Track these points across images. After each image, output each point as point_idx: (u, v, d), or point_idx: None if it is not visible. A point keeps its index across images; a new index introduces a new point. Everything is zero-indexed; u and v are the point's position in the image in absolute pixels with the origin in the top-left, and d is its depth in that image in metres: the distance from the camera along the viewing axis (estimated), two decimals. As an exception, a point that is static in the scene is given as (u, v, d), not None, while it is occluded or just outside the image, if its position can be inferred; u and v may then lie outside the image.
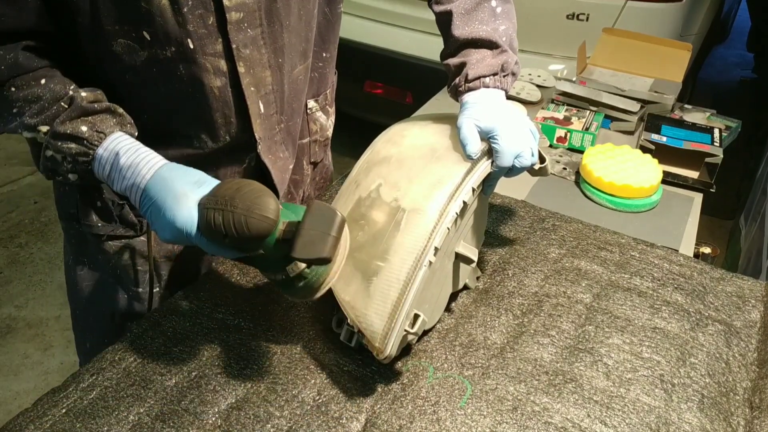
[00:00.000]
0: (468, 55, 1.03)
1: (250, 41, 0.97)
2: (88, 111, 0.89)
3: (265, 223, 0.79)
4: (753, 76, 5.26)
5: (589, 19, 2.67)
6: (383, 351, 0.86)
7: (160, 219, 0.82)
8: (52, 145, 0.88)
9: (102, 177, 0.89)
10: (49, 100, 0.88)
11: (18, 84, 0.88)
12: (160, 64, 0.94)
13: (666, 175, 1.55)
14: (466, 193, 0.93)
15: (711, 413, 0.91)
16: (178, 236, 0.82)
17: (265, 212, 0.79)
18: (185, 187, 0.83)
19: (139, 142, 0.88)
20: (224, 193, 0.80)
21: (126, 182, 0.86)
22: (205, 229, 0.81)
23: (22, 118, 0.88)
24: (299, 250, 0.79)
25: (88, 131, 0.87)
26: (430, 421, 0.88)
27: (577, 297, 1.10)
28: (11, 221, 3.32)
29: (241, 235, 0.78)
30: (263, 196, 0.80)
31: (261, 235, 0.79)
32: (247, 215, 0.78)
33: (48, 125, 0.88)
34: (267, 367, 0.95)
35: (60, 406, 0.89)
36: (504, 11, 1.06)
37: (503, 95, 1.02)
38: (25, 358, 2.54)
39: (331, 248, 0.79)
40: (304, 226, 0.79)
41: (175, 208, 0.81)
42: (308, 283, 0.86)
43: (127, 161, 0.86)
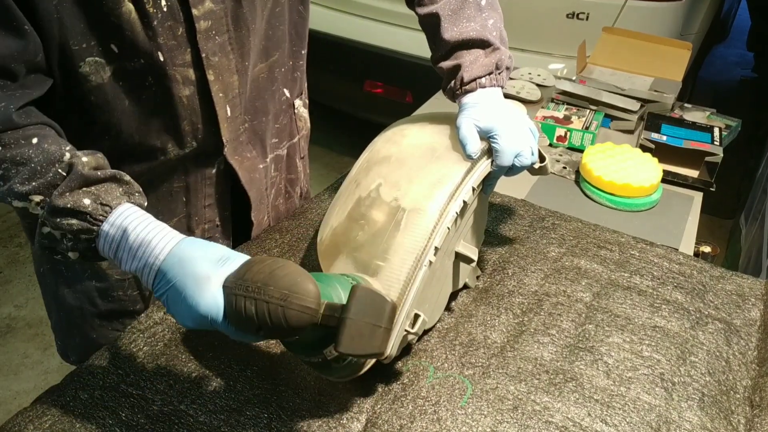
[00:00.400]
0: (461, 57, 1.02)
1: (219, 48, 0.96)
2: (91, 180, 0.78)
3: (306, 314, 0.70)
4: (753, 76, 5.26)
5: (589, 18, 2.67)
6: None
7: (180, 305, 0.73)
8: (49, 221, 0.77)
9: (108, 255, 0.78)
10: (42, 164, 0.77)
11: (5, 142, 0.78)
12: (128, 77, 0.91)
13: (666, 174, 1.55)
14: (467, 193, 0.93)
15: (711, 412, 0.91)
16: (201, 324, 0.73)
17: (306, 302, 0.70)
18: (207, 267, 0.73)
19: (149, 215, 0.79)
20: (255, 277, 0.71)
21: (137, 263, 0.75)
22: (234, 318, 0.71)
23: (11, 183, 0.77)
24: (346, 344, 0.70)
25: (91, 204, 0.76)
26: (430, 421, 0.87)
27: (577, 296, 1.10)
28: (11, 221, 3.32)
29: (277, 327, 0.70)
30: (301, 282, 0.71)
31: (301, 326, 0.70)
32: (285, 306, 0.69)
33: (42, 195, 0.77)
34: (267, 368, 0.95)
35: (59, 405, 0.89)
36: (488, 2, 1.05)
37: (500, 92, 1.02)
38: (24, 357, 2.54)
39: (383, 343, 0.72)
40: (350, 315, 0.70)
41: (197, 294, 0.72)
42: (349, 364, 0.81)
43: (138, 238, 0.75)
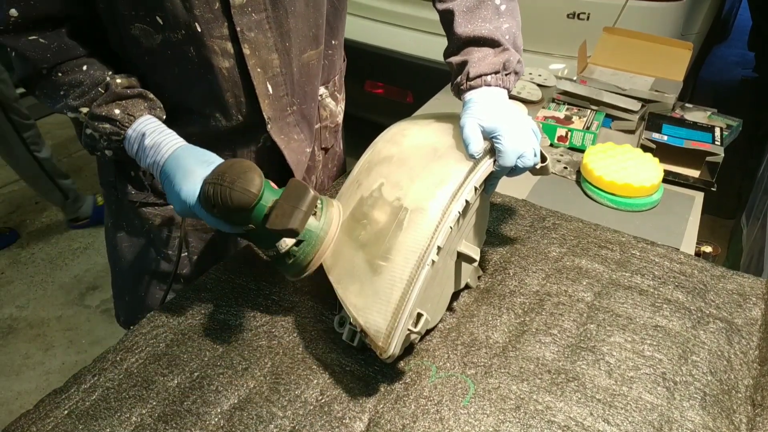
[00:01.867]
0: (470, 53, 1.04)
1: (255, 25, 1.02)
2: (122, 96, 0.99)
3: (246, 196, 0.86)
4: (754, 75, 5.26)
5: (590, 18, 2.67)
6: (386, 350, 0.87)
7: (171, 192, 0.93)
8: (90, 125, 1.00)
9: (131, 154, 1.00)
10: (89, 85, 0.99)
11: (63, 70, 0.99)
12: (173, 47, 1.01)
13: (667, 174, 1.55)
14: (469, 193, 0.93)
15: (713, 411, 0.91)
16: (183, 208, 0.92)
17: (248, 186, 0.86)
18: (194, 165, 0.92)
19: (164, 125, 0.99)
20: (219, 169, 0.88)
21: (149, 160, 0.97)
22: (202, 201, 0.89)
23: (67, 100, 1.00)
24: (272, 221, 0.86)
25: (120, 114, 0.98)
26: (433, 421, 0.88)
27: (579, 295, 1.11)
28: (12, 222, 3.32)
29: (225, 206, 0.86)
30: (249, 171, 0.87)
31: (242, 206, 0.87)
32: (231, 188, 0.86)
33: (88, 107, 0.99)
34: (269, 368, 0.95)
35: (62, 407, 0.89)
36: (508, 9, 1.06)
37: (505, 94, 1.02)
38: (26, 358, 2.54)
39: (299, 222, 0.86)
40: (280, 200, 0.87)
41: (182, 183, 0.91)
42: (296, 261, 0.94)
43: (151, 141, 0.97)
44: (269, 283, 1.10)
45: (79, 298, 2.84)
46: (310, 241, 0.94)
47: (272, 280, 1.11)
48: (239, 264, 1.16)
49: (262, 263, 1.16)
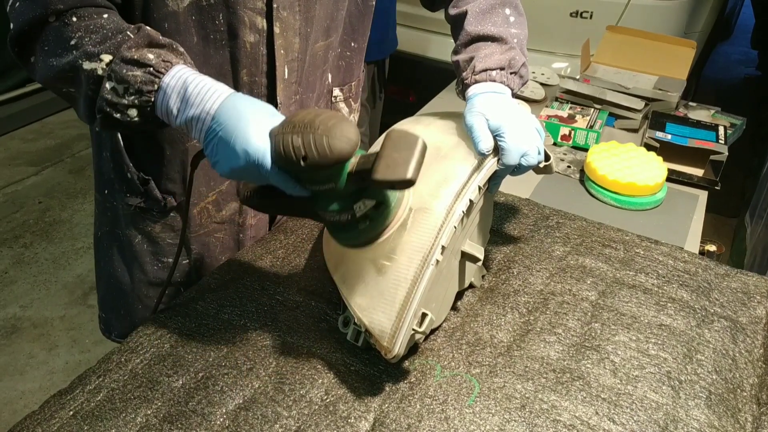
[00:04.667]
0: (477, 49, 1.05)
1: (288, 5, 1.02)
2: (154, 42, 0.86)
3: (348, 145, 0.76)
4: (757, 74, 5.25)
5: (593, 16, 2.67)
6: (391, 350, 0.87)
7: (229, 147, 0.78)
8: (115, 74, 0.83)
9: (164, 110, 0.84)
10: (113, 30, 0.85)
11: (80, 14, 0.86)
12: (201, 12, 0.97)
13: (670, 172, 1.55)
14: (473, 192, 0.93)
15: (719, 410, 0.91)
16: (247, 164, 0.78)
17: (348, 134, 0.76)
18: (258, 115, 0.79)
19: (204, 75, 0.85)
20: (302, 118, 0.77)
21: (193, 110, 0.81)
22: (281, 155, 0.77)
23: (83, 48, 0.85)
24: (382, 171, 0.76)
25: (155, 59, 0.84)
26: (438, 420, 0.88)
27: (583, 294, 1.10)
28: (16, 221, 3.33)
29: (322, 156, 0.75)
30: (344, 120, 0.77)
31: (342, 157, 0.76)
32: (330, 136, 0.75)
33: (112, 54, 0.84)
34: (274, 367, 0.95)
35: (67, 408, 0.89)
36: (517, 21, 1.10)
37: (509, 93, 1.02)
38: (30, 357, 2.55)
39: (414, 170, 0.77)
40: (386, 150, 0.77)
41: (248, 134, 0.77)
42: (372, 226, 0.86)
43: (196, 88, 0.82)
44: (273, 283, 1.11)
45: (83, 298, 2.84)
46: (389, 203, 0.87)
47: (276, 280, 1.11)
48: (243, 264, 1.16)
49: (267, 263, 1.16)
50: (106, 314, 1.36)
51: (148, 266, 1.22)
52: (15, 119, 4.18)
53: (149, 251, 1.21)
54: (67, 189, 3.60)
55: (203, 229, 1.20)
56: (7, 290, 2.88)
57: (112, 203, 1.20)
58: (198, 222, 1.18)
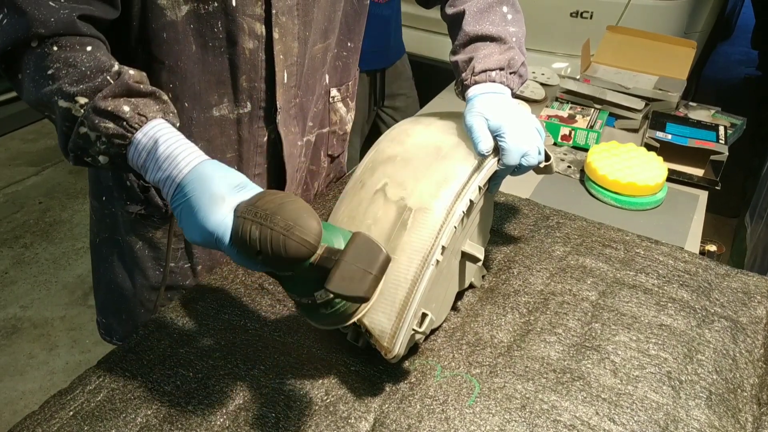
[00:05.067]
0: (476, 50, 1.05)
1: (287, 10, 1.01)
2: (133, 91, 0.83)
3: (304, 248, 0.72)
4: (757, 74, 5.25)
5: (593, 16, 2.67)
6: (391, 350, 0.86)
7: (191, 219, 0.76)
8: (88, 120, 0.81)
9: (135, 164, 0.83)
10: (92, 69, 0.82)
11: (61, 44, 0.82)
12: (199, 20, 0.96)
13: (671, 172, 1.55)
14: (473, 192, 0.93)
15: (719, 410, 0.91)
16: (207, 240, 0.76)
17: (307, 236, 0.72)
18: (224, 189, 0.76)
19: (180, 133, 0.82)
20: (265, 205, 0.73)
21: (161, 173, 0.79)
22: (237, 241, 0.74)
23: (59, 83, 0.82)
24: (336, 283, 0.72)
25: (129, 112, 0.81)
26: (438, 420, 0.88)
27: (583, 294, 1.10)
28: (16, 221, 3.32)
29: (276, 255, 0.72)
30: (307, 217, 0.73)
31: (298, 259, 0.73)
32: (287, 236, 0.71)
33: (87, 98, 0.81)
34: (274, 368, 0.95)
35: (67, 408, 0.89)
36: (515, 19, 1.09)
37: (509, 93, 1.02)
38: (30, 358, 2.55)
39: (370, 288, 0.73)
40: (345, 258, 0.73)
41: (209, 211, 0.75)
42: (336, 312, 0.80)
43: (166, 151, 0.79)
44: (274, 283, 1.10)
45: (83, 298, 2.84)
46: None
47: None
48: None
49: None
50: (106, 319, 1.34)
51: (150, 271, 1.21)
52: (15, 119, 4.18)
53: (151, 257, 1.20)
54: (68, 189, 3.60)
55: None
56: (7, 290, 2.87)
57: (110, 210, 1.18)
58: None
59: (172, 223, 1.07)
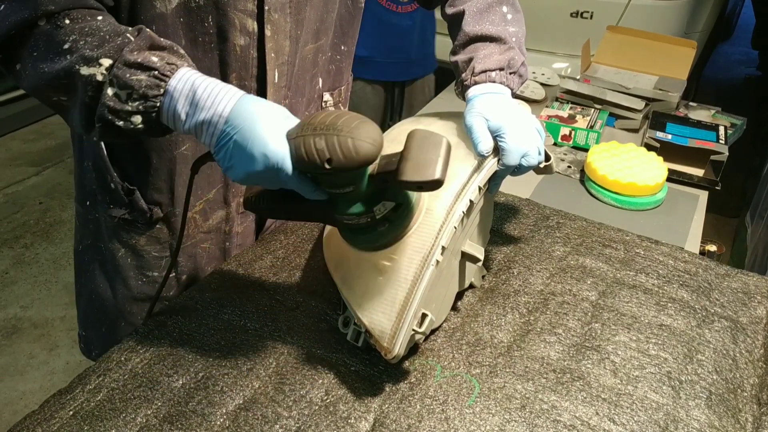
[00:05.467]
0: (476, 50, 1.05)
1: (280, 7, 1.00)
2: (156, 44, 0.81)
3: (374, 146, 0.74)
4: (758, 74, 5.25)
5: (593, 16, 2.68)
6: (391, 351, 0.86)
7: (245, 152, 0.75)
8: (117, 79, 0.78)
9: (170, 115, 0.80)
10: (110, 33, 0.80)
11: (73, 16, 0.80)
12: (189, 14, 0.94)
13: (671, 173, 1.55)
14: (473, 192, 0.93)
15: (719, 410, 0.91)
16: (267, 168, 0.75)
17: (374, 135, 0.74)
18: (274, 117, 0.77)
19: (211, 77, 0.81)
20: (322, 120, 0.75)
21: (204, 114, 0.77)
22: (303, 159, 0.74)
23: (81, 51, 0.79)
24: (409, 172, 0.75)
25: (159, 62, 0.79)
26: (438, 420, 0.88)
27: (583, 294, 1.10)
28: (16, 222, 3.33)
29: (347, 158, 0.73)
30: (368, 122, 0.75)
31: (368, 159, 0.74)
32: (355, 137, 0.73)
33: (112, 59, 0.78)
34: (274, 368, 0.95)
35: (67, 408, 0.89)
36: (515, 18, 1.09)
37: (509, 93, 1.02)
38: (30, 358, 2.55)
39: (442, 170, 0.75)
40: (410, 150, 0.76)
41: (266, 138, 0.74)
42: (391, 228, 0.84)
43: (206, 91, 0.78)
44: (273, 284, 1.11)
45: (83, 298, 2.84)
46: (409, 204, 0.86)
47: (276, 280, 1.11)
48: (243, 264, 1.16)
49: (267, 263, 1.16)
50: (86, 332, 1.30)
51: (132, 281, 1.17)
52: (16, 120, 4.19)
53: (133, 265, 1.16)
54: (68, 189, 3.61)
55: (190, 240, 1.15)
56: (7, 290, 2.88)
57: (94, 215, 1.15)
58: (185, 233, 1.14)
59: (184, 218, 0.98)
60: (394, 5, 2.20)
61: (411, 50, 2.30)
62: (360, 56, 2.41)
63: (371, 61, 2.30)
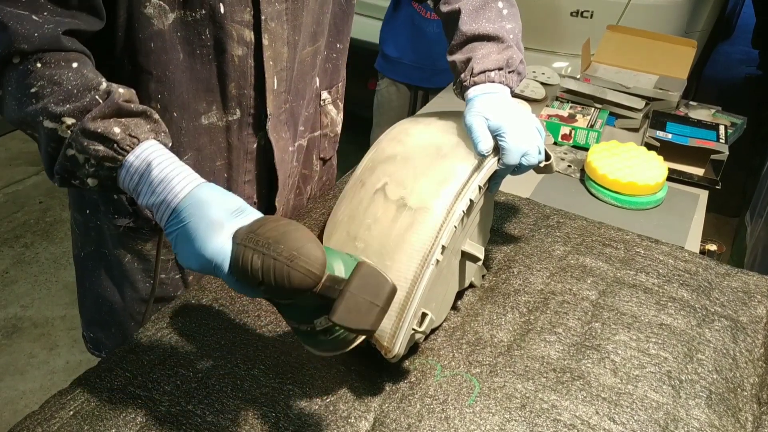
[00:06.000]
0: (474, 50, 1.04)
1: (276, 15, 1.00)
2: (123, 111, 0.80)
3: (309, 279, 0.70)
4: (758, 73, 5.25)
5: (594, 16, 2.67)
6: (391, 350, 0.86)
7: (187, 246, 0.74)
8: (76, 143, 0.78)
9: (127, 187, 0.80)
10: (79, 88, 0.78)
11: (45, 60, 0.78)
12: (186, 28, 0.94)
13: (671, 172, 1.55)
14: (473, 191, 0.93)
15: (719, 409, 0.91)
16: (204, 268, 0.74)
17: (311, 266, 0.70)
18: (222, 214, 0.74)
19: (173, 155, 0.80)
20: (267, 233, 0.71)
21: (155, 198, 0.76)
22: (238, 270, 0.72)
23: (44, 102, 0.78)
24: (341, 315, 0.69)
25: (120, 134, 0.77)
26: (438, 420, 0.88)
27: (583, 294, 1.10)
28: (16, 221, 3.32)
29: (279, 286, 0.70)
30: (311, 246, 0.71)
31: (302, 289, 0.70)
32: (291, 267, 0.69)
33: (75, 118, 0.78)
34: (274, 367, 0.95)
35: (67, 408, 0.89)
36: (510, 13, 1.08)
37: (508, 92, 1.02)
38: (31, 357, 2.55)
39: (376, 321, 0.70)
40: (350, 289, 0.70)
41: (207, 238, 0.72)
42: (336, 339, 0.78)
43: (160, 174, 0.76)
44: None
45: (84, 298, 2.84)
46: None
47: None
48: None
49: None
50: (94, 334, 1.30)
51: (140, 284, 1.17)
52: (16, 119, 4.18)
53: (140, 269, 1.16)
54: (68, 189, 3.60)
55: None
56: (7, 290, 2.88)
57: (95, 223, 1.15)
58: None
59: (161, 236, 1.00)
60: (424, 11, 2.27)
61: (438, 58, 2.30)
62: (390, 56, 2.44)
63: (400, 62, 2.38)
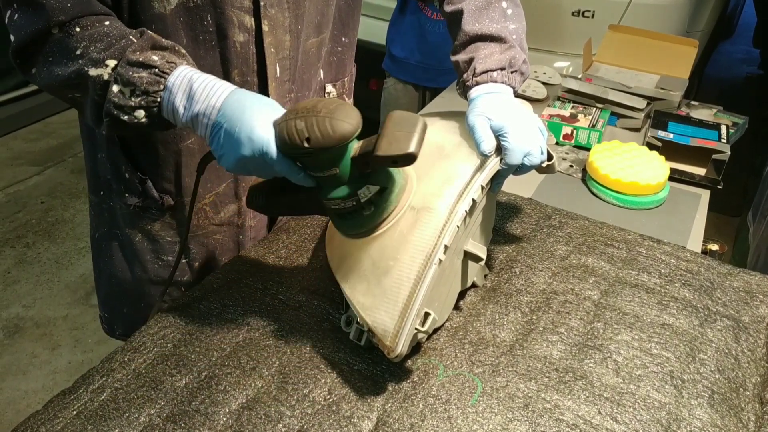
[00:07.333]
0: (476, 50, 1.04)
1: (276, 2, 1.02)
2: (158, 44, 0.88)
3: (350, 125, 0.78)
4: (759, 72, 5.25)
5: (595, 15, 2.67)
6: (394, 350, 0.87)
7: (234, 138, 0.82)
8: (121, 77, 0.86)
9: (169, 109, 0.87)
10: (116, 37, 0.87)
11: (83, 24, 0.87)
12: (188, 13, 0.97)
13: (673, 172, 1.55)
14: (476, 191, 0.93)
15: (721, 409, 0.91)
16: (253, 153, 0.81)
17: (350, 117, 0.79)
18: (262, 104, 0.83)
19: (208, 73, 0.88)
20: (304, 105, 0.80)
21: (198, 106, 0.84)
22: (284, 140, 0.80)
23: (88, 55, 0.87)
24: (384, 147, 0.79)
25: (159, 60, 0.86)
26: (441, 419, 0.88)
27: (585, 294, 1.10)
28: (18, 221, 3.33)
29: (325, 136, 0.78)
30: (346, 104, 0.80)
31: (345, 137, 0.79)
32: (332, 118, 0.78)
33: (117, 59, 0.86)
34: (277, 367, 0.95)
35: (71, 408, 0.89)
36: (514, 13, 1.09)
37: (511, 92, 1.02)
38: (33, 357, 2.55)
39: (416, 145, 0.79)
40: (387, 128, 0.80)
41: (252, 124, 0.81)
42: (376, 212, 0.88)
43: (201, 84, 0.85)
44: (276, 283, 1.11)
45: (85, 298, 2.85)
46: (393, 189, 0.90)
47: (279, 279, 1.12)
48: (246, 264, 1.16)
49: (269, 263, 1.16)
50: (108, 314, 1.36)
51: (149, 264, 1.22)
52: (17, 119, 4.18)
53: (150, 249, 1.21)
54: (70, 189, 3.61)
55: (201, 231, 1.20)
56: (9, 290, 2.88)
57: (109, 204, 1.20)
58: (195, 223, 1.18)
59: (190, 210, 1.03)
60: (430, 12, 2.31)
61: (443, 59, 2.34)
62: (397, 56, 2.47)
63: (406, 62, 2.43)
